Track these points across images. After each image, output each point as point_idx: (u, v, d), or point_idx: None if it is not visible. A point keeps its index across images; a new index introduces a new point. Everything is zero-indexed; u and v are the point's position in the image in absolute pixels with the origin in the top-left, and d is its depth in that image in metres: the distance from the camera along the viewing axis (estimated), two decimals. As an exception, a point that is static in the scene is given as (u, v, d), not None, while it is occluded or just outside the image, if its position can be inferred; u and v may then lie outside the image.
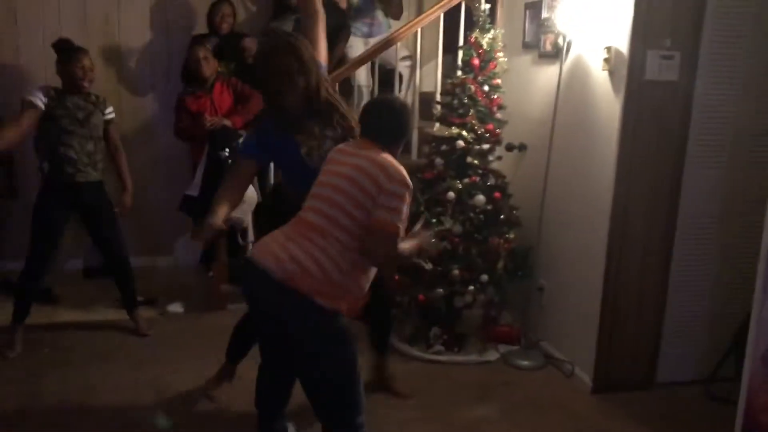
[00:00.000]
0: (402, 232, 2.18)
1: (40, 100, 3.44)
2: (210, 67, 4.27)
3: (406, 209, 2.18)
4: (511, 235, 3.71)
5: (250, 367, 2.63)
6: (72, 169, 3.54)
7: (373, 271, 2.27)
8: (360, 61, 4.26)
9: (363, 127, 2.39)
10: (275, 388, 2.48)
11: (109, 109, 3.69)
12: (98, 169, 3.66)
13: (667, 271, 3.34)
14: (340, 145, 2.42)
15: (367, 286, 2.27)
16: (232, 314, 3.30)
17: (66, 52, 3.54)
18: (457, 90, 3.67)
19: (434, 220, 3.59)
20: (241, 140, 3.76)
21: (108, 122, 3.68)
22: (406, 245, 2.24)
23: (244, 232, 4.13)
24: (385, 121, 2.36)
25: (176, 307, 4.20)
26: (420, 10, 5.09)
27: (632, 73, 3.06)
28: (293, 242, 2.15)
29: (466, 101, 3.63)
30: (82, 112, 3.54)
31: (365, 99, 4.61)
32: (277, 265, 2.11)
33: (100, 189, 3.69)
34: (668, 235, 3.29)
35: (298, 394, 2.34)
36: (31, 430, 2.83)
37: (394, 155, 2.31)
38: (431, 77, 4.51)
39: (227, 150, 3.88)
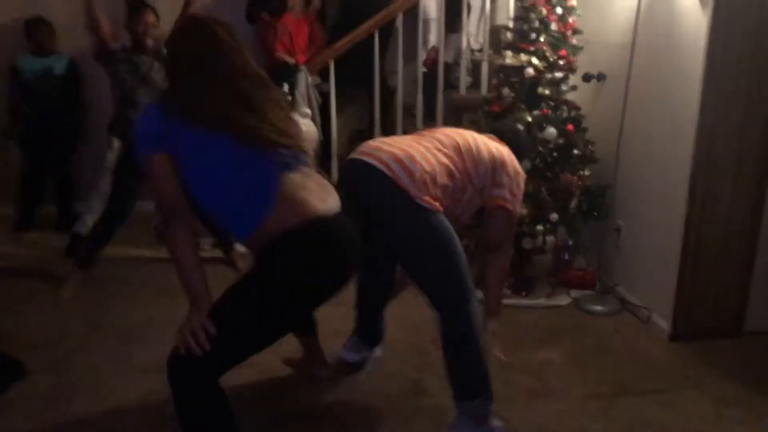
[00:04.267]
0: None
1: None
2: None
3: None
4: (586, 172, 3.46)
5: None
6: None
7: None
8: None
9: None
10: (376, 286, 2.65)
11: None
12: None
13: (760, 211, 3.03)
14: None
15: None
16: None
17: (132, 8, 3.55)
18: (528, 14, 3.41)
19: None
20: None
21: None
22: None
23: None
24: (517, 135, 2.62)
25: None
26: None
27: (723, -17, 2.73)
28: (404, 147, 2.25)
29: (536, 26, 3.37)
30: (144, 67, 3.54)
31: (433, 33, 4.41)
32: (383, 163, 2.18)
33: None
34: (762, 171, 2.96)
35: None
36: (88, 356, 2.88)
37: None
38: (504, 9, 4.23)
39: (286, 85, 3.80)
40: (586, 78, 3.56)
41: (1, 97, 4.43)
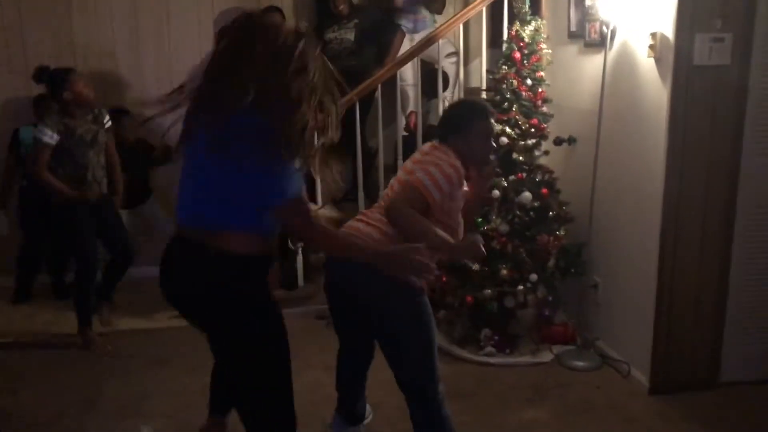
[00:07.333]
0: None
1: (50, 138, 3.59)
2: None
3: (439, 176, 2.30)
4: (562, 232, 3.60)
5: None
6: (91, 186, 3.77)
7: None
8: (404, 59, 4.21)
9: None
10: (355, 370, 2.73)
11: (107, 119, 3.84)
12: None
13: (727, 265, 3.16)
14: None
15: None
16: (287, 318, 3.20)
17: (56, 78, 3.62)
18: (499, 85, 3.59)
19: (480, 219, 3.53)
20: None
21: (107, 131, 3.86)
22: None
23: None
24: (445, 114, 2.61)
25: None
26: (465, 5, 5.01)
27: (679, 59, 2.91)
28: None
29: (508, 96, 3.55)
30: (89, 134, 3.72)
31: (411, 99, 4.58)
32: None
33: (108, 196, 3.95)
34: (726, 228, 3.12)
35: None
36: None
37: (457, 149, 2.42)
38: (477, 74, 4.43)
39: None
40: (558, 142, 3.73)
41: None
